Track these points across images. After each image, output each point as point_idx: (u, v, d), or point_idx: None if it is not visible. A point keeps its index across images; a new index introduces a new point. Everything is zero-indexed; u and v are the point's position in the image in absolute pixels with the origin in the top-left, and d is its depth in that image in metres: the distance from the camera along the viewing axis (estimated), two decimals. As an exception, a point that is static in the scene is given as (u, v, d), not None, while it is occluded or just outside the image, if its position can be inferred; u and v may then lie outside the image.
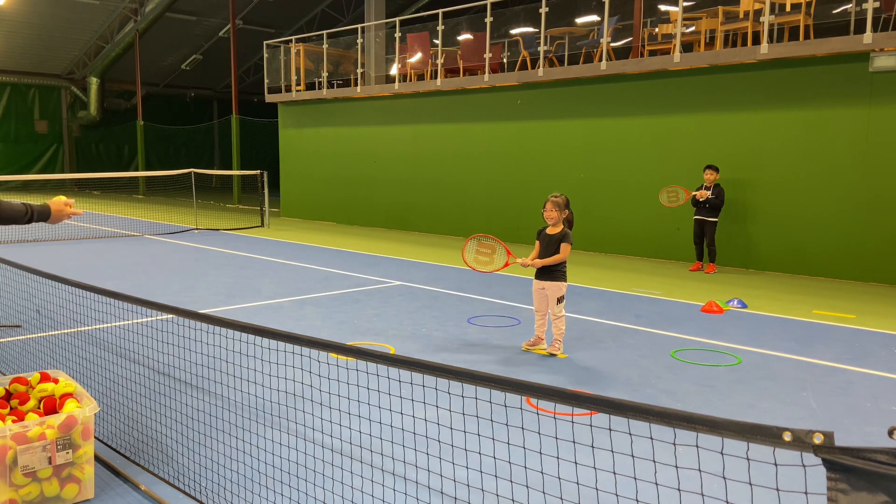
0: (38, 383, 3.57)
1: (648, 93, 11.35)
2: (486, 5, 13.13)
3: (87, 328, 6.25)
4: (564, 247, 5.67)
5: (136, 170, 30.32)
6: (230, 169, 27.02)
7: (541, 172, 12.92)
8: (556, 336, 5.78)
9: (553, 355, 5.74)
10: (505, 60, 13.65)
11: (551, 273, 5.73)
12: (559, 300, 5.72)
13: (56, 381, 3.59)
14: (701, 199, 9.98)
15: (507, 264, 5.84)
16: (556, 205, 5.72)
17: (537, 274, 5.82)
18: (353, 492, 3.21)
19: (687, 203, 10.29)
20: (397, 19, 15.29)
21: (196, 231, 14.84)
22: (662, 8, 11.99)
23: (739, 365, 5.55)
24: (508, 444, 2.50)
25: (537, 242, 5.89)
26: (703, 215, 10.09)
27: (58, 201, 3.39)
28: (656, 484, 2.07)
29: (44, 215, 3.31)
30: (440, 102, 14.53)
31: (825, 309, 7.70)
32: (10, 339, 6.00)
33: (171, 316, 6.16)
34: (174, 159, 32.94)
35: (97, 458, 3.55)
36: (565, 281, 5.77)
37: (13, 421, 3.17)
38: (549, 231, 5.81)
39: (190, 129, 33.75)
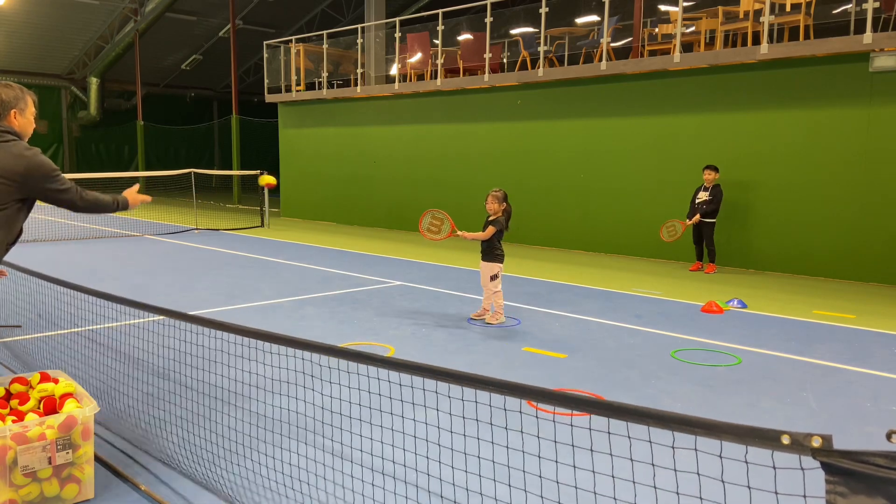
0: (38, 383, 3.58)
1: (648, 93, 11.35)
2: (486, 5, 13.12)
3: (87, 329, 6.26)
4: (489, 229, 6.70)
5: (136, 170, 30.32)
6: (230, 169, 27.03)
7: (541, 172, 12.92)
8: (497, 308, 6.75)
9: (490, 324, 6.71)
10: (505, 60, 13.64)
11: (487, 255, 6.79)
12: (492, 278, 6.71)
13: (56, 382, 3.59)
14: (699, 202, 10.00)
15: (449, 234, 6.92)
16: (496, 198, 6.77)
17: (481, 256, 6.87)
18: (353, 495, 3.21)
19: (686, 205, 10.30)
20: (397, 19, 15.29)
21: (196, 231, 14.84)
22: (662, 8, 11.99)
23: (739, 365, 5.55)
24: (507, 447, 2.50)
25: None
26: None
27: (131, 190, 3.87)
28: (655, 487, 2.07)
29: (125, 203, 3.78)
30: (440, 102, 14.53)
31: (825, 309, 7.70)
32: (10, 339, 6.01)
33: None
34: (174, 159, 32.94)
35: (97, 458, 3.55)
36: (498, 262, 6.75)
37: (13, 421, 3.17)
38: (490, 218, 6.88)
39: (190, 129, 33.74)
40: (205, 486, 3.34)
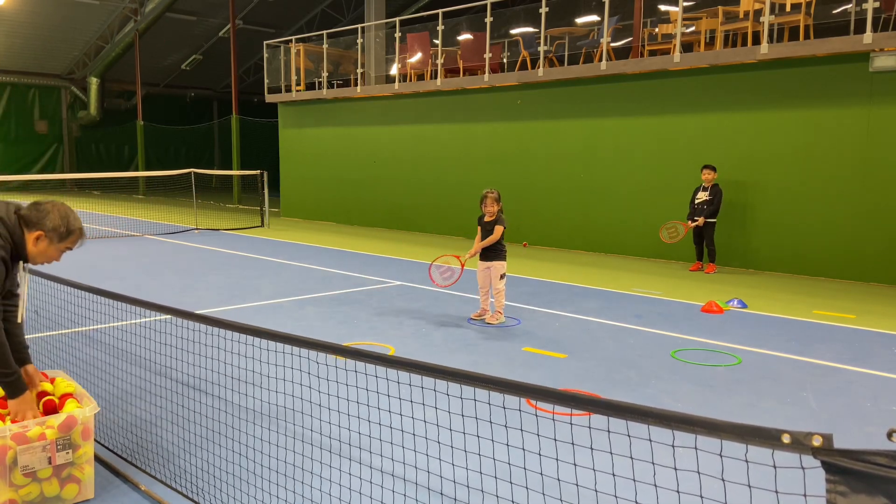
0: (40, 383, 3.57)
1: (648, 93, 11.35)
2: (486, 5, 13.12)
3: (86, 329, 6.25)
4: (498, 228, 6.70)
5: (136, 170, 30.32)
6: (230, 169, 27.02)
7: (541, 172, 12.92)
8: (498, 307, 6.77)
9: (490, 324, 6.72)
10: (505, 60, 13.64)
11: (494, 254, 6.77)
12: (502, 276, 6.78)
13: (52, 381, 3.58)
14: (699, 202, 10.01)
15: (462, 265, 6.99)
16: (494, 199, 6.79)
17: (482, 256, 6.82)
18: (351, 493, 3.21)
19: (686, 204, 10.31)
20: (397, 19, 15.29)
21: (196, 231, 14.84)
22: (662, 8, 11.98)
23: (739, 365, 5.55)
24: (507, 445, 2.50)
25: (479, 228, 6.92)
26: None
27: (31, 399, 3.18)
28: (655, 486, 2.07)
29: (14, 390, 3.10)
30: (440, 102, 14.53)
31: (825, 309, 7.70)
32: (9, 339, 5.99)
33: (171, 316, 6.16)
34: (174, 159, 32.93)
35: (97, 459, 3.55)
36: (505, 260, 6.84)
37: (13, 420, 3.17)
38: (487, 219, 6.85)
39: (190, 129, 33.74)
40: (205, 485, 3.34)
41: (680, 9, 10.55)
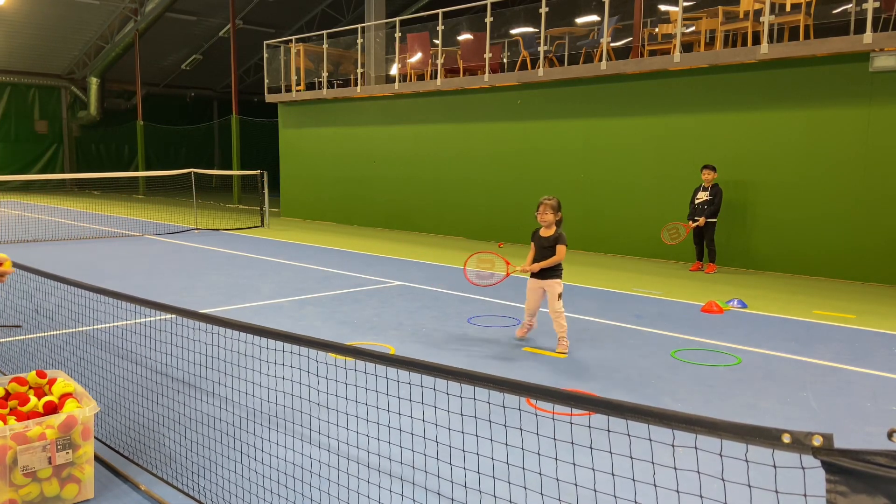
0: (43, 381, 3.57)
1: (648, 93, 11.35)
2: (486, 5, 13.12)
3: (86, 328, 6.25)
4: (560, 248, 5.85)
5: (136, 170, 30.32)
6: (230, 169, 27.02)
7: (541, 172, 12.92)
8: (561, 333, 5.85)
9: (563, 354, 5.79)
10: (505, 60, 13.64)
11: (550, 272, 5.88)
12: (559, 296, 5.85)
13: (52, 381, 3.58)
14: (699, 203, 10.01)
15: (507, 274, 6.10)
16: (551, 207, 5.91)
17: (534, 274, 5.95)
18: (349, 493, 3.21)
19: (686, 205, 10.31)
20: (397, 19, 15.29)
21: (196, 231, 14.84)
22: (662, 8, 11.98)
23: (739, 365, 5.54)
24: (507, 445, 2.49)
25: (532, 244, 6.06)
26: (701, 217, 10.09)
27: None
28: (655, 486, 2.06)
29: None
30: (440, 102, 14.53)
31: (825, 309, 7.70)
32: (10, 339, 6.00)
33: (171, 316, 6.16)
34: (174, 159, 32.94)
35: (97, 458, 3.55)
36: (562, 279, 5.96)
37: (15, 420, 3.17)
38: (544, 233, 5.97)
39: (190, 129, 33.73)
40: (207, 483, 3.34)
41: (680, 9, 10.55)
